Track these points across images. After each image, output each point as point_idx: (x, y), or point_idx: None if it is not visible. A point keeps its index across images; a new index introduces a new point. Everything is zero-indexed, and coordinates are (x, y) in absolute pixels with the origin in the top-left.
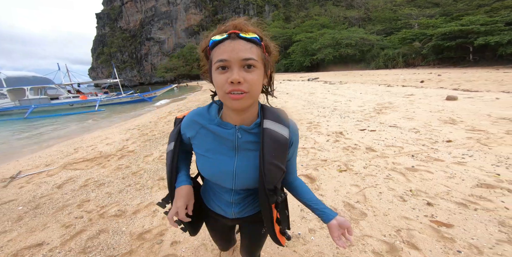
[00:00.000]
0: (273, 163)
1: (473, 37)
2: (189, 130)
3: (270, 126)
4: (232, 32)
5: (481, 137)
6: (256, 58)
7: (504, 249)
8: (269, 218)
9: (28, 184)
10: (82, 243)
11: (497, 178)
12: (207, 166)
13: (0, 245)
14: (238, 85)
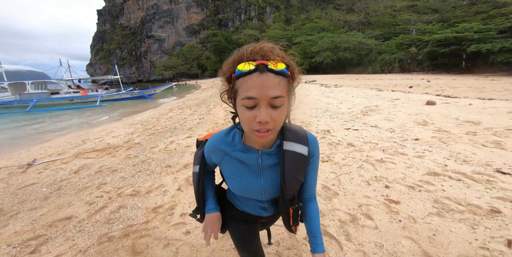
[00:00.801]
0: (294, 178)
1: (466, 44)
2: (215, 156)
3: (290, 147)
4: (260, 63)
5: (444, 136)
6: (284, 95)
7: (432, 219)
8: (286, 217)
9: (45, 170)
10: (106, 216)
11: (444, 168)
12: (237, 186)
13: (34, 218)
14: (265, 125)
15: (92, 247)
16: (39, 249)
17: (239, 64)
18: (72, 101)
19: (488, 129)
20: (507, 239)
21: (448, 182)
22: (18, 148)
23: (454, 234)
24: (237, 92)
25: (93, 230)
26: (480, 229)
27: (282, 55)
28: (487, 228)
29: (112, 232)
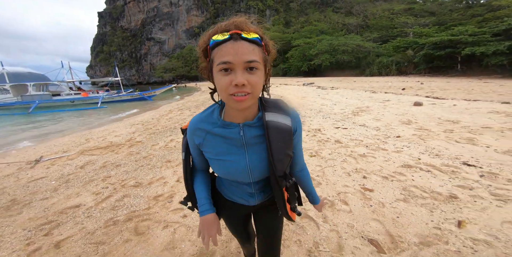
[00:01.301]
0: (281, 152)
1: (461, 47)
2: (196, 137)
3: (272, 118)
4: (234, 32)
5: (423, 134)
6: (258, 60)
7: (398, 204)
8: (281, 199)
9: (52, 165)
10: (111, 204)
11: (417, 161)
12: (221, 168)
13: (46, 207)
14: (242, 88)
15: (99, 230)
16: (51, 232)
17: (213, 36)
18: (73, 103)
19: (465, 127)
20: (458, 220)
21: (418, 173)
22: (22, 148)
23: (414, 217)
24: (213, 61)
25: (100, 216)
26: (437, 212)
27: (255, 28)
28: (443, 211)
29: (117, 217)
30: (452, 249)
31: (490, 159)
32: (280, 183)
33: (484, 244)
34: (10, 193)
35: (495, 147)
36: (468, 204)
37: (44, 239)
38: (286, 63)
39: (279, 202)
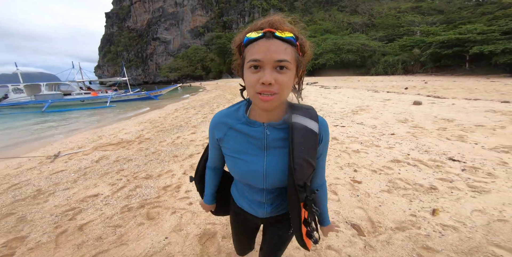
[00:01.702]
0: (303, 158)
1: (469, 45)
2: (218, 131)
3: (299, 120)
4: (267, 30)
5: (417, 131)
6: (290, 60)
7: (382, 194)
8: (297, 218)
9: (70, 160)
10: (125, 193)
11: (406, 156)
12: (237, 167)
13: (68, 196)
14: (269, 87)
15: (116, 215)
16: (75, 217)
17: (248, 34)
18: (83, 102)
19: (459, 125)
20: (433, 208)
21: (406, 167)
22: (40, 144)
23: (395, 205)
24: (245, 59)
25: (116, 203)
26: (415, 202)
27: (291, 27)
28: (421, 200)
29: (131, 204)
30: (422, 233)
31: (475, 155)
32: (299, 194)
33: (452, 229)
34: (35, 184)
35: (483, 144)
36: (445, 194)
37: (69, 223)
38: None
39: (294, 222)
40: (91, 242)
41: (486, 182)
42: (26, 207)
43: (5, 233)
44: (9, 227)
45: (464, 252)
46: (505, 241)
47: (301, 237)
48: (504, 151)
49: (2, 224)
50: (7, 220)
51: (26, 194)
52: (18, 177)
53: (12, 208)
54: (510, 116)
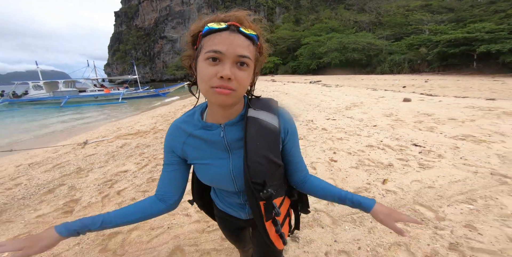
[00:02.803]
0: (260, 154)
1: (477, 44)
2: (176, 142)
3: (255, 114)
4: (232, 24)
5: (396, 124)
6: (251, 57)
7: (350, 169)
8: (259, 217)
9: (98, 146)
10: (148, 169)
11: (379, 143)
12: (203, 173)
13: (103, 172)
14: (227, 82)
15: (143, 184)
16: (113, 186)
17: (209, 24)
18: (96, 98)
19: (434, 119)
20: (383, 179)
21: (376, 150)
22: (68, 134)
23: (357, 177)
24: (201, 49)
25: (142, 176)
26: (373, 175)
27: (255, 25)
28: (378, 174)
29: (154, 177)
30: (370, 195)
31: (435, 142)
32: (255, 192)
33: (392, 193)
34: (74, 164)
35: (446, 133)
36: (398, 170)
37: (109, 190)
38: (295, 61)
39: (256, 219)
40: (128, 201)
41: (434, 161)
42: (73, 179)
43: (62, 197)
44: (64, 193)
45: (395, 207)
46: (426, 201)
47: (267, 236)
48: (462, 138)
49: (58, 191)
50: (61, 188)
51: (70, 171)
52: (58, 159)
53: (62, 181)
54: (485, 111)
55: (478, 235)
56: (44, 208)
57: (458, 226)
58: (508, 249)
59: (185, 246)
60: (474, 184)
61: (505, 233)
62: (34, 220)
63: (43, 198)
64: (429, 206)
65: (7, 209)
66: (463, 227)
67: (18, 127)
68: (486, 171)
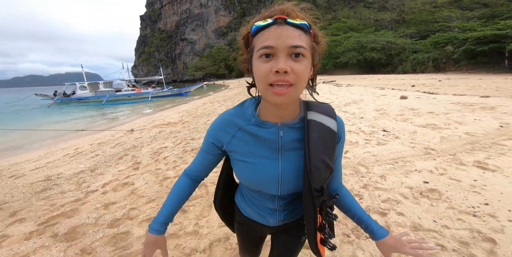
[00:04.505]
0: (320, 158)
1: (507, 42)
2: (224, 134)
3: (316, 118)
4: (278, 17)
5: (380, 116)
6: (306, 46)
7: None
8: (312, 224)
9: (141, 133)
10: (182, 145)
11: (357, 129)
12: (247, 172)
13: (151, 147)
14: (284, 76)
15: (180, 153)
16: (159, 155)
17: (256, 22)
18: (129, 97)
19: (415, 112)
20: (346, 150)
21: (352, 134)
22: (116, 124)
23: None
24: (253, 49)
25: (178, 149)
26: (344, 149)
27: (304, 14)
28: (344, 148)
29: (186, 149)
30: None
31: (402, 128)
32: (315, 198)
33: (345, 158)
34: (129, 143)
35: (416, 123)
36: (360, 146)
37: (158, 156)
38: None
39: (309, 228)
40: (171, 163)
41: (389, 141)
42: (132, 152)
43: (129, 161)
44: (129, 159)
45: (343, 167)
46: (366, 163)
47: (315, 244)
48: (424, 126)
49: (125, 158)
50: (126, 157)
51: (128, 147)
52: (117, 140)
53: (125, 153)
54: (465, 106)
55: (384, 181)
56: (120, 166)
57: (375, 176)
58: (395, 188)
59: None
60: (406, 154)
61: (401, 180)
62: (117, 173)
63: (117, 162)
64: (366, 166)
65: (98, 167)
66: (378, 177)
67: (80, 118)
68: (422, 146)
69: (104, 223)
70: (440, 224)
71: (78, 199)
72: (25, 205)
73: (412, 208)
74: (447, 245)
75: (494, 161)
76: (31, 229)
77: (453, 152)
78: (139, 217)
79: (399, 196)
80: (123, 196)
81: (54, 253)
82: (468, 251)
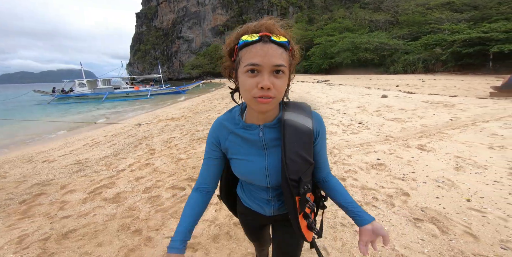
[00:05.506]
0: (296, 153)
1: (491, 44)
2: (220, 136)
3: (291, 117)
4: (264, 34)
5: (360, 112)
6: (286, 65)
7: None
8: (293, 211)
9: (149, 126)
10: (188, 136)
11: (339, 122)
12: (240, 167)
13: (161, 138)
14: (267, 91)
15: (187, 142)
16: (170, 143)
17: (242, 36)
18: (128, 94)
19: (389, 109)
20: None
21: (333, 126)
22: (121, 119)
23: None
24: (240, 61)
25: (185, 139)
26: None
27: (284, 31)
28: (327, 138)
29: (193, 139)
30: None
31: (374, 121)
32: (291, 189)
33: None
34: (140, 135)
35: (387, 117)
36: (337, 134)
37: (169, 144)
38: (307, 61)
39: (290, 212)
40: (182, 149)
41: (361, 131)
42: (144, 141)
43: (145, 148)
44: (144, 147)
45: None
46: (339, 147)
47: (299, 229)
48: (391, 120)
49: (140, 146)
50: (141, 145)
51: (140, 137)
52: (127, 132)
53: (139, 142)
54: (432, 104)
55: (349, 158)
56: (138, 153)
57: (344, 155)
58: (356, 163)
59: None
60: (371, 140)
61: (361, 158)
62: (137, 157)
63: (134, 149)
64: (339, 148)
65: (119, 153)
66: (346, 156)
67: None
68: (384, 135)
69: (139, 190)
70: (379, 185)
71: (112, 176)
72: (69, 181)
73: (364, 176)
74: (379, 197)
75: (431, 144)
76: (83, 196)
77: (406, 138)
78: (165, 186)
79: (357, 168)
80: (148, 172)
81: (108, 210)
82: (390, 201)
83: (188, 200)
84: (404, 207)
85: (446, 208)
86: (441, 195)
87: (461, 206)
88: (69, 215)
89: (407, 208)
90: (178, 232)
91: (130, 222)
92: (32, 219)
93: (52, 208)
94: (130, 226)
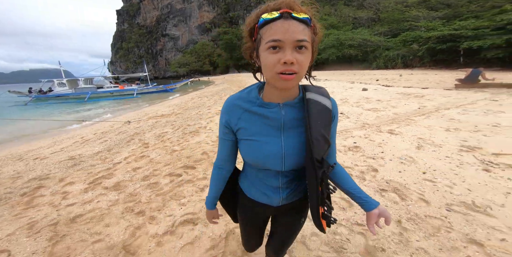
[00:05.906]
0: (320, 133)
1: (461, 41)
2: (232, 115)
3: (314, 97)
4: (285, 11)
5: (342, 103)
6: (308, 40)
7: None
8: (315, 196)
9: (139, 123)
10: (181, 130)
11: None
12: (253, 149)
13: (152, 134)
14: (291, 66)
15: (179, 136)
16: (163, 137)
17: (263, 15)
18: (112, 94)
19: (368, 100)
20: None
21: None
22: (108, 118)
23: None
24: (261, 39)
25: (178, 134)
26: None
27: (305, 8)
28: None
29: (186, 134)
30: None
31: (354, 112)
32: (317, 170)
33: None
34: (131, 132)
35: (365, 107)
36: None
37: (162, 138)
38: None
39: (312, 199)
40: (175, 142)
41: (342, 120)
42: (137, 136)
43: (138, 142)
44: (137, 141)
45: None
46: None
47: (318, 217)
48: (368, 109)
49: (133, 141)
50: (134, 140)
51: (131, 134)
52: (118, 130)
53: (131, 138)
54: (405, 95)
55: None
56: (131, 147)
57: None
58: (336, 147)
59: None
60: (349, 127)
61: (340, 142)
62: (131, 150)
63: (127, 144)
64: None
65: (113, 148)
66: None
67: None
68: (362, 123)
69: (138, 179)
70: (354, 164)
71: (109, 168)
72: (66, 174)
73: (342, 157)
74: (353, 173)
75: (400, 129)
76: (83, 187)
77: (379, 125)
78: (162, 173)
79: (336, 151)
80: (144, 163)
81: (111, 197)
82: (362, 176)
83: (211, 176)
84: (373, 180)
85: (406, 180)
86: (403, 169)
87: (418, 178)
88: (73, 203)
89: (375, 181)
90: (209, 195)
91: (133, 205)
92: (37, 208)
93: (54, 198)
94: (133, 209)
